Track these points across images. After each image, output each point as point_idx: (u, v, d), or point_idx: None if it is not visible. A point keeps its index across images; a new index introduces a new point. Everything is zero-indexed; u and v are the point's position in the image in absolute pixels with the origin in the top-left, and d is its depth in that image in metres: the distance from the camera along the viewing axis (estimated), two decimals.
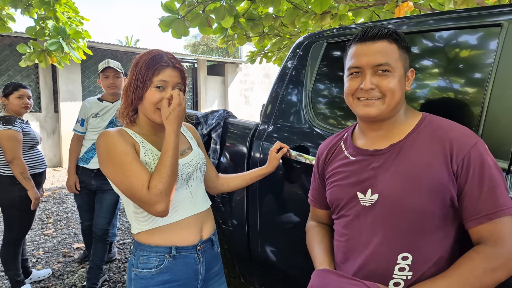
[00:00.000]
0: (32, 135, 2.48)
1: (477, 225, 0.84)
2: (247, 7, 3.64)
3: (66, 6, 4.41)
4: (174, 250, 1.12)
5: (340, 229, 1.03)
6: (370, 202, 0.94)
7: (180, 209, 1.14)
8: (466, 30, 1.15)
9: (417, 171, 0.89)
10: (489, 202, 0.83)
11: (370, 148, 0.99)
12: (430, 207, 0.87)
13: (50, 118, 7.37)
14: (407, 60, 0.97)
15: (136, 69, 1.10)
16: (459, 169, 0.85)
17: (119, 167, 1.02)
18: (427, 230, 0.88)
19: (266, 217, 1.60)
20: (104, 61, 2.54)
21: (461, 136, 0.88)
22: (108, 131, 1.08)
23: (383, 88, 0.92)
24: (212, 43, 20.09)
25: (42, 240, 3.53)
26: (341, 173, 1.03)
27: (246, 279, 1.79)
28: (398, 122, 0.97)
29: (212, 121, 1.86)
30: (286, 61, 1.72)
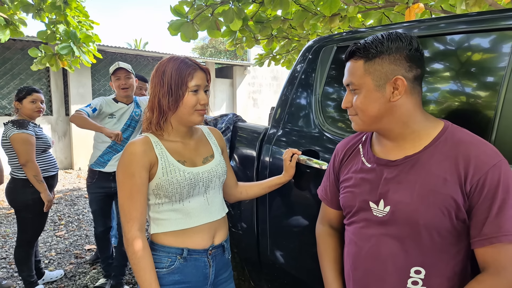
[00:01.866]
0: (44, 139, 2.52)
1: (479, 247, 0.82)
2: (255, 10, 3.65)
3: (77, 11, 4.47)
4: (186, 252, 1.15)
5: (351, 235, 1.02)
6: (382, 214, 0.93)
7: (195, 216, 1.17)
8: (479, 34, 1.13)
9: (432, 187, 0.86)
10: (495, 225, 0.80)
11: (384, 157, 0.97)
12: (443, 223, 0.85)
13: (61, 121, 7.48)
14: (383, 70, 0.90)
15: (166, 77, 1.12)
16: (472, 189, 0.82)
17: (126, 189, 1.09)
18: (439, 245, 0.87)
19: (276, 221, 1.60)
20: (114, 64, 2.55)
21: (482, 155, 0.83)
22: (133, 144, 1.12)
23: (354, 106, 0.96)
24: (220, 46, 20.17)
25: (54, 242, 3.58)
26: (356, 180, 1.01)
27: (256, 282, 1.79)
28: (409, 135, 0.92)
29: (221, 125, 1.87)
30: (296, 65, 1.71)
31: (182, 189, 1.13)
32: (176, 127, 1.18)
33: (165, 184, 1.11)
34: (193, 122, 1.17)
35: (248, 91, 10.99)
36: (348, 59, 0.97)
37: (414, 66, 0.90)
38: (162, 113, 1.14)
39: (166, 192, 1.12)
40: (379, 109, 0.91)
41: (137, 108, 2.61)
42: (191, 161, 1.19)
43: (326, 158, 1.40)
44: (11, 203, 2.41)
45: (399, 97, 0.89)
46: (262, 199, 1.64)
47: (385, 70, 0.90)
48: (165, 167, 1.12)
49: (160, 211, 1.15)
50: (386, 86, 0.90)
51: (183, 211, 1.15)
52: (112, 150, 2.52)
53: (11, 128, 2.34)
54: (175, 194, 1.12)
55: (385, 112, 0.91)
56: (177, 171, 1.13)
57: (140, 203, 1.09)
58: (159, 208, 1.15)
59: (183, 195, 1.14)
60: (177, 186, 1.12)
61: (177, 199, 1.14)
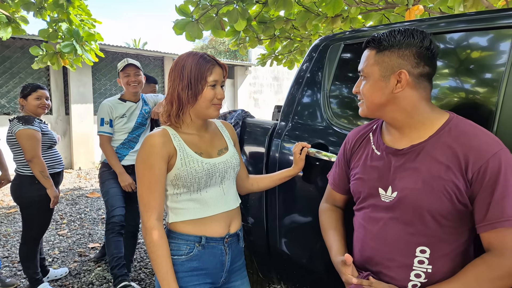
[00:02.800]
0: (50, 135, 2.53)
1: (483, 231, 0.87)
2: (259, 10, 3.70)
3: (79, 9, 4.47)
4: (204, 240, 1.19)
5: (360, 220, 1.08)
6: (390, 199, 0.98)
7: (212, 205, 1.21)
8: (478, 32, 1.18)
9: (435, 174, 0.91)
10: (498, 211, 0.84)
11: (393, 145, 1.02)
12: (445, 207, 0.90)
13: (61, 120, 7.48)
14: (390, 62, 0.96)
15: (185, 71, 1.17)
16: (474, 177, 0.87)
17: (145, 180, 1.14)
18: (442, 227, 0.92)
19: (285, 213, 1.64)
20: (123, 60, 2.55)
21: (483, 144, 0.88)
22: (151, 136, 1.16)
23: (361, 91, 1.04)
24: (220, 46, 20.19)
25: (57, 240, 3.59)
26: (366, 167, 1.07)
27: (265, 274, 1.83)
28: (414, 124, 0.98)
29: (231, 120, 1.91)
30: (303, 63, 1.76)
31: (200, 179, 1.17)
32: (194, 120, 1.23)
33: (184, 174, 1.15)
34: (209, 115, 1.22)
35: (249, 91, 11.05)
36: (364, 48, 1.04)
37: (423, 63, 0.95)
38: (181, 105, 1.19)
39: (184, 182, 1.16)
40: (381, 98, 0.98)
41: (145, 105, 2.63)
42: (207, 152, 1.23)
43: (334, 151, 1.44)
44: (17, 199, 2.42)
45: (400, 90, 0.95)
46: (271, 192, 1.69)
47: (392, 62, 0.96)
48: (183, 158, 1.16)
49: (178, 200, 1.20)
50: (391, 77, 0.96)
51: (201, 200, 1.20)
52: (126, 146, 2.53)
53: (16, 124, 2.35)
54: (194, 184, 1.17)
55: (388, 101, 0.98)
56: (195, 162, 1.17)
57: (159, 194, 1.14)
58: (177, 198, 1.19)
59: (201, 185, 1.18)
60: (195, 176, 1.16)
61: (195, 189, 1.18)
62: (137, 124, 2.54)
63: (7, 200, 5.05)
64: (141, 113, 2.57)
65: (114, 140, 2.54)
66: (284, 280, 1.72)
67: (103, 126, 2.48)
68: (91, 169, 7.48)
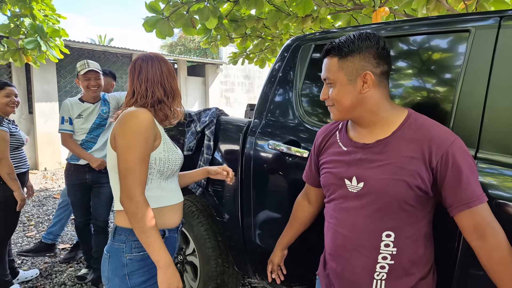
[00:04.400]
0: (18, 136, 2.47)
1: (459, 212, 0.97)
2: (230, 8, 3.73)
3: (43, 4, 4.32)
4: (167, 232, 1.26)
5: (331, 211, 1.16)
6: (357, 189, 1.07)
7: (176, 194, 1.30)
8: (438, 35, 1.29)
9: (400, 164, 1.00)
10: (469, 191, 0.95)
11: (359, 141, 1.10)
12: (408, 194, 0.99)
13: (24, 119, 7.17)
14: (354, 66, 1.03)
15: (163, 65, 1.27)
16: (438, 164, 0.97)
17: (139, 151, 1.13)
18: (406, 212, 1.02)
19: (260, 208, 1.70)
20: (82, 62, 2.50)
21: (441, 134, 0.98)
22: (143, 111, 1.18)
23: (330, 98, 1.10)
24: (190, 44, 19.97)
25: (26, 242, 3.48)
26: (333, 162, 1.15)
27: (240, 267, 1.89)
28: (379, 122, 1.07)
29: (205, 118, 1.95)
30: (276, 63, 1.83)
31: (174, 168, 1.26)
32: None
33: (164, 160, 1.22)
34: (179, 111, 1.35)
35: (220, 90, 11.02)
36: (324, 56, 1.12)
37: (382, 62, 1.05)
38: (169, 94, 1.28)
39: (161, 168, 1.22)
40: (351, 100, 1.06)
41: (104, 105, 2.60)
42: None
43: (306, 147, 1.52)
44: None
45: (368, 90, 1.04)
46: (246, 188, 1.74)
47: (356, 66, 1.04)
48: (165, 144, 1.23)
49: (148, 188, 1.21)
50: (357, 80, 1.04)
51: (167, 189, 1.27)
52: (84, 147, 2.53)
53: None
54: (168, 171, 1.24)
55: (357, 103, 1.06)
56: (173, 151, 1.26)
57: (147, 169, 1.16)
58: (148, 184, 1.22)
59: (172, 173, 1.27)
60: (173, 164, 1.24)
61: (167, 176, 1.25)
62: (95, 125, 2.54)
63: None
64: (99, 114, 2.55)
65: (75, 140, 2.54)
66: (259, 273, 1.79)
67: (64, 124, 2.51)
68: (57, 169, 7.23)
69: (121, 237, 1.21)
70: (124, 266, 1.19)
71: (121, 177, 1.13)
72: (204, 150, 1.91)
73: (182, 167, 1.38)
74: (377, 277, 1.05)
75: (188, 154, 1.99)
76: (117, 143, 1.15)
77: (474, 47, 1.18)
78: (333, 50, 1.07)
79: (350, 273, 1.09)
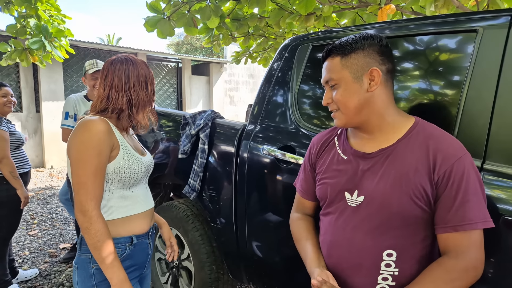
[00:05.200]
0: (18, 135, 2.49)
1: (443, 232, 0.90)
2: (232, 7, 3.66)
3: (48, 4, 4.34)
4: (135, 239, 1.22)
5: (326, 225, 1.08)
6: (356, 203, 0.99)
7: (142, 202, 1.25)
8: (445, 35, 1.21)
9: (405, 176, 0.92)
10: (459, 214, 0.87)
11: (361, 149, 1.02)
12: (413, 210, 0.91)
13: (32, 118, 7.22)
14: (359, 63, 0.97)
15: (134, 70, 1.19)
16: (439, 180, 0.89)
17: (91, 166, 1.08)
18: (409, 230, 0.93)
19: (254, 215, 1.64)
20: (91, 62, 2.51)
21: (450, 148, 0.90)
22: (98, 122, 1.11)
23: (335, 101, 1.02)
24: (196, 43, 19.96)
25: (28, 241, 3.48)
26: (332, 171, 1.06)
27: (234, 274, 1.83)
28: (385, 127, 0.99)
29: (200, 121, 1.89)
30: (273, 63, 1.75)
31: (137, 176, 1.20)
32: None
33: (124, 169, 1.16)
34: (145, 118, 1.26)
35: (224, 89, 10.97)
36: (325, 58, 1.04)
37: (386, 60, 0.99)
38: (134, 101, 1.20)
39: (123, 177, 1.16)
40: (358, 100, 0.98)
41: None
42: (138, 150, 1.28)
43: (302, 153, 1.45)
44: None
45: (376, 87, 0.97)
46: (240, 195, 1.68)
47: (361, 63, 0.97)
48: (125, 153, 1.17)
49: (109, 198, 1.17)
50: (363, 77, 0.97)
51: (132, 197, 1.22)
52: None
53: None
54: (131, 180, 1.18)
55: (365, 103, 0.98)
56: (135, 158, 1.20)
57: (101, 181, 1.11)
58: (108, 195, 1.17)
59: (136, 181, 1.21)
60: (135, 172, 1.19)
61: (130, 185, 1.20)
62: None
63: None
64: None
65: None
66: (253, 280, 1.72)
67: (67, 120, 2.48)
68: (63, 167, 7.27)
69: (86, 247, 1.15)
70: (91, 277, 1.15)
71: (74, 191, 1.09)
72: (198, 153, 1.85)
73: (180, 171, 1.34)
74: None
75: (183, 158, 1.93)
76: (70, 156, 1.10)
77: (482, 47, 1.10)
78: (334, 50, 1.01)
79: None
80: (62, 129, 2.50)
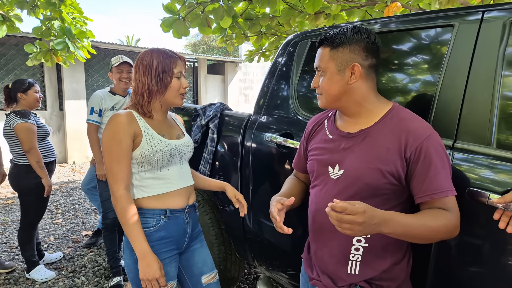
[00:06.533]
0: (44, 127, 2.70)
1: (421, 201, 1.03)
2: (244, 7, 3.82)
3: (71, 7, 4.56)
4: (169, 212, 1.36)
5: (312, 196, 1.23)
6: (337, 176, 1.13)
7: (174, 182, 1.39)
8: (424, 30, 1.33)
9: (377, 154, 1.06)
10: (433, 184, 1.00)
11: (345, 130, 1.16)
12: (382, 182, 1.05)
13: (56, 115, 7.58)
14: (344, 57, 1.09)
15: (153, 65, 1.32)
16: (412, 156, 1.02)
17: (113, 153, 1.26)
18: (379, 199, 1.07)
19: (258, 198, 1.79)
20: (117, 56, 2.67)
21: (419, 128, 1.03)
22: (118, 115, 1.29)
23: (320, 86, 1.15)
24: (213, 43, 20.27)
25: (52, 228, 3.75)
26: (319, 149, 1.21)
27: (241, 254, 1.98)
28: (363, 112, 1.12)
29: (209, 112, 2.06)
30: (276, 58, 1.90)
31: (164, 158, 1.33)
32: (159, 108, 1.39)
33: (149, 153, 1.30)
34: (176, 103, 1.40)
35: (239, 87, 11.15)
36: (318, 46, 1.18)
37: (370, 56, 1.10)
38: (151, 96, 1.35)
39: (149, 160, 1.31)
40: (339, 90, 1.11)
41: None
42: (168, 135, 1.40)
43: (300, 139, 1.59)
44: (15, 187, 2.59)
45: (355, 81, 1.09)
46: (245, 182, 1.84)
47: (345, 57, 1.09)
48: (148, 138, 1.31)
49: (143, 178, 1.34)
50: (346, 70, 1.09)
51: (164, 178, 1.36)
52: None
53: (14, 118, 2.53)
54: (158, 162, 1.32)
55: (344, 92, 1.12)
56: (159, 142, 1.33)
57: (126, 166, 1.28)
58: (142, 176, 1.34)
59: (163, 163, 1.34)
60: (160, 155, 1.32)
61: (159, 166, 1.34)
62: None
63: (4, 192, 5.18)
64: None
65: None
66: (257, 258, 1.88)
67: (92, 115, 2.62)
68: (85, 163, 7.60)
69: None
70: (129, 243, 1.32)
71: (108, 178, 1.29)
72: (208, 142, 2.02)
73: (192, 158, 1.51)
74: (352, 258, 1.11)
75: (194, 146, 2.10)
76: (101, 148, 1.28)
77: (457, 40, 1.21)
78: (326, 41, 1.13)
79: (328, 254, 1.16)
80: (88, 124, 2.65)
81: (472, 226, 1.07)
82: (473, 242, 1.09)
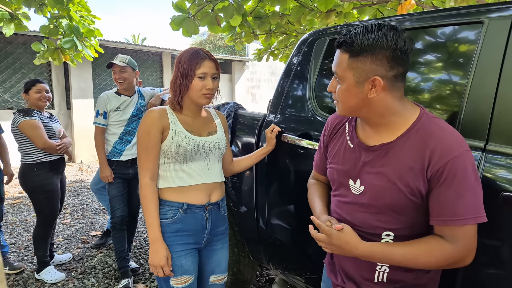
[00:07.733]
0: (49, 127, 2.64)
1: (435, 225, 0.96)
2: (254, 5, 3.77)
3: (79, 5, 4.54)
4: (186, 206, 1.41)
5: (334, 207, 1.17)
6: (358, 191, 1.07)
7: (196, 176, 1.42)
8: (453, 27, 1.28)
9: (399, 173, 0.97)
10: (451, 210, 0.91)
11: (365, 141, 1.07)
12: (404, 203, 0.98)
13: (63, 114, 7.59)
14: (364, 68, 0.95)
15: (180, 65, 1.39)
16: (432, 176, 0.93)
17: (143, 144, 1.38)
18: (404, 218, 1.01)
19: (273, 200, 1.75)
20: (115, 57, 2.65)
21: (446, 147, 0.91)
22: (151, 110, 1.40)
23: (337, 93, 1.04)
24: (219, 42, 20.22)
25: (61, 229, 3.73)
26: (339, 157, 1.14)
27: (255, 257, 1.94)
28: (387, 123, 1.01)
29: (223, 112, 2.01)
30: (292, 57, 1.86)
31: (186, 152, 1.39)
32: (189, 105, 1.45)
33: (172, 146, 1.37)
34: (200, 103, 1.44)
35: (247, 86, 11.11)
36: (337, 47, 1.04)
37: (396, 65, 0.94)
38: (177, 93, 1.41)
39: (173, 153, 1.38)
40: (356, 103, 1.00)
41: (141, 99, 2.71)
42: (197, 131, 1.45)
43: (318, 139, 1.55)
44: (23, 186, 2.60)
45: (375, 95, 0.96)
46: (260, 183, 1.79)
47: (366, 68, 0.95)
48: (174, 132, 1.39)
49: (167, 170, 1.42)
50: (365, 83, 0.96)
51: (186, 171, 1.41)
52: (123, 141, 2.62)
53: (18, 116, 2.52)
54: (180, 155, 1.38)
55: (363, 105, 1.00)
56: (184, 137, 1.39)
57: (153, 157, 1.38)
58: (166, 167, 1.42)
59: (186, 157, 1.39)
60: (182, 148, 1.38)
61: (182, 160, 1.40)
62: (132, 116, 2.62)
63: (12, 192, 5.19)
64: (136, 106, 2.65)
65: (112, 134, 2.62)
66: (272, 261, 1.84)
67: (97, 118, 2.59)
68: (92, 162, 7.60)
69: None
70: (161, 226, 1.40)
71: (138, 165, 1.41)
72: None
73: None
74: (379, 269, 1.06)
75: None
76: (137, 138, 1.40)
77: (487, 38, 1.16)
78: (345, 45, 0.97)
79: (352, 263, 1.10)
80: (94, 127, 2.63)
81: (506, 233, 1.02)
82: (508, 250, 1.03)
